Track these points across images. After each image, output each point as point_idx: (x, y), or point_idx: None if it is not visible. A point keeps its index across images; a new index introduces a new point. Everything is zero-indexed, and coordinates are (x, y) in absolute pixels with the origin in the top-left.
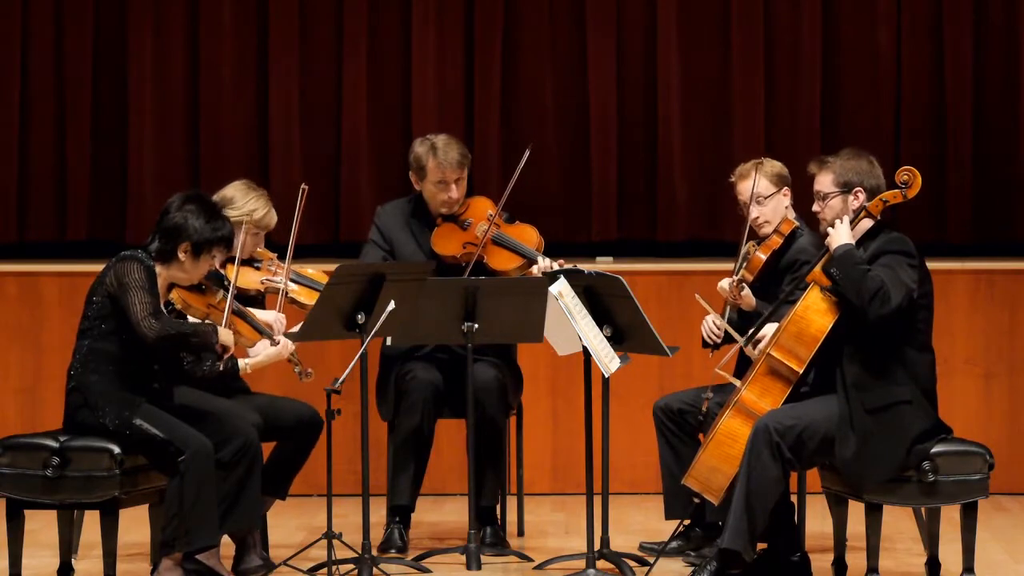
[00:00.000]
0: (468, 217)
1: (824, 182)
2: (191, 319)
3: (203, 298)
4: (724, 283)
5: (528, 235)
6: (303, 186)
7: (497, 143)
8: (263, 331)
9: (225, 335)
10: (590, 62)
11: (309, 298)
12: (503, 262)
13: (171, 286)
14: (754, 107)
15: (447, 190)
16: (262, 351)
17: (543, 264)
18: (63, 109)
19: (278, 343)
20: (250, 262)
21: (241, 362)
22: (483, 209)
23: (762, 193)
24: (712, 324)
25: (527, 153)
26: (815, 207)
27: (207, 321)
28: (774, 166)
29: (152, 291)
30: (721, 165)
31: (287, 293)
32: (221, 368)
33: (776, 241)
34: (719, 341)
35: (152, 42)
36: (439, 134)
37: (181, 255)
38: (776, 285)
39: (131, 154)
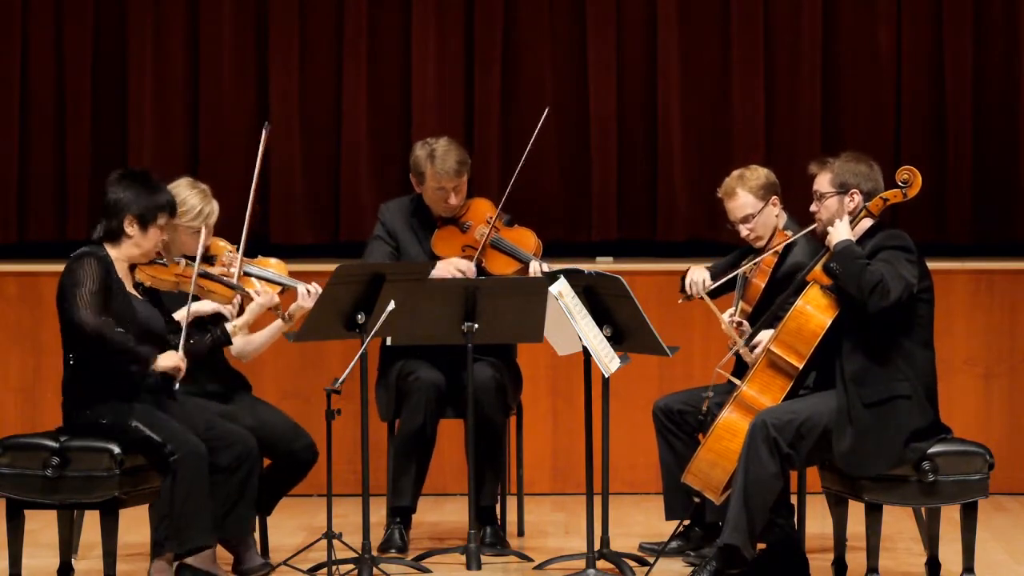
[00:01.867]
0: (468, 220)
1: (822, 182)
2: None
3: (168, 270)
4: (725, 320)
5: (526, 239)
6: (267, 124)
7: (497, 143)
8: (235, 286)
9: (166, 361)
10: (590, 62)
11: (263, 288)
12: (500, 266)
13: (133, 267)
14: (754, 107)
15: (446, 197)
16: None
17: (536, 267)
18: (63, 109)
19: (257, 296)
20: (206, 258)
21: (229, 325)
22: (483, 212)
23: (751, 213)
24: (701, 281)
25: (545, 113)
26: (812, 206)
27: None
28: (759, 177)
29: (102, 288)
30: (721, 165)
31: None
32: (208, 340)
33: (771, 261)
34: (693, 295)
35: (152, 42)
36: (439, 138)
37: (128, 229)
38: (772, 301)
39: (131, 154)
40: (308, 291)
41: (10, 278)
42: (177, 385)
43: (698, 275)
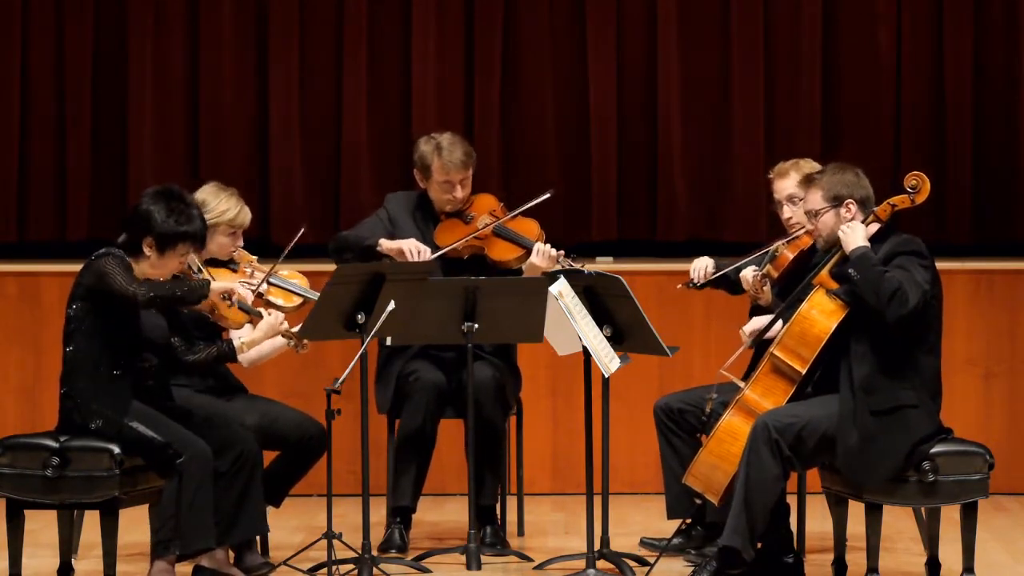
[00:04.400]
0: (472, 212)
1: (814, 199)
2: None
3: None
4: (748, 273)
5: (529, 227)
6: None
7: (497, 143)
8: (249, 310)
9: (220, 284)
10: (590, 62)
11: (285, 300)
12: (502, 252)
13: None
14: (754, 107)
15: (452, 190)
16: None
17: (539, 249)
18: (63, 109)
19: (268, 316)
20: (227, 264)
21: (236, 341)
22: (487, 205)
23: (797, 195)
24: (704, 267)
25: (547, 195)
26: (808, 226)
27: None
28: (813, 167)
29: (130, 272)
30: (721, 165)
31: (261, 294)
32: (214, 352)
33: (806, 241)
34: (698, 285)
35: (152, 42)
36: (444, 133)
37: (146, 250)
38: (796, 284)
39: (131, 154)
40: None
41: (10, 278)
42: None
43: (702, 261)
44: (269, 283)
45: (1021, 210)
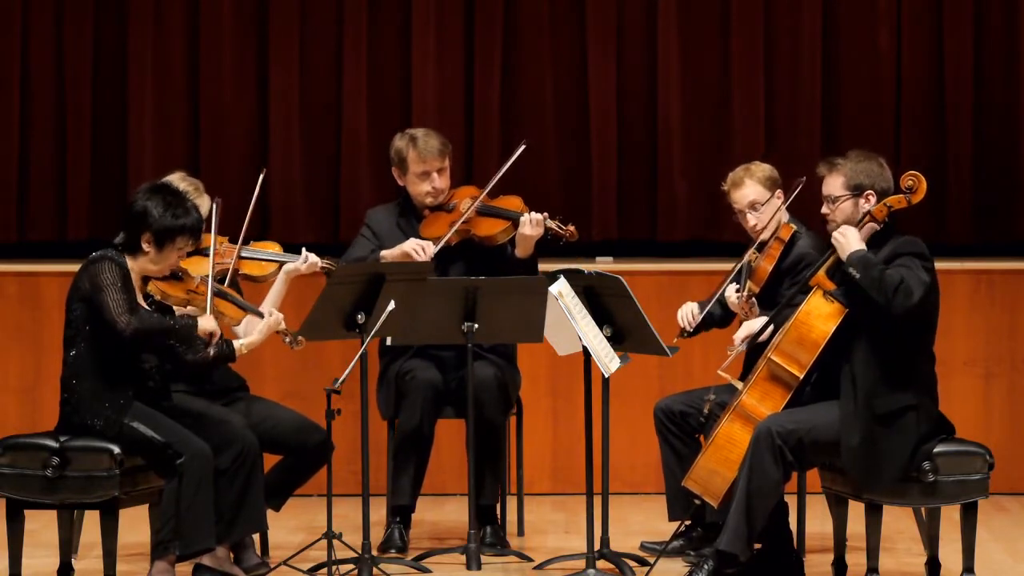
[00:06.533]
0: (453, 201)
1: (834, 185)
2: (176, 310)
3: (181, 285)
4: (731, 296)
5: (512, 202)
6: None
7: (497, 143)
8: (248, 308)
9: (206, 323)
10: (590, 61)
11: (260, 270)
12: (488, 228)
13: (146, 279)
14: (754, 107)
15: (430, 180)
16: (254, 328)
17: (527, 218)
18: (63, 109)
19: (265, 316)
20: (199, 251)
21: (236, 343)
22: (467, 192)
23: (758, 200)
24: (689, 312)
25: (521, 148)
26: (824, 209)
27: (187, 312)
28: (764, 170)
29: (126, 288)
30: (721, 165)
31: (238, 271)
32: (213, 353)
33: (777, 248)
34: (691, 331)
35: (152, 42)
36: (418, 128)
37: (145, 246)
38: (777, 289)
39: (131, 154)
40: (306, 259)
41: (10, 278)
42: (212, 351)
43: (686, 308)
44: (241, 257)
45: (1021, 210)
